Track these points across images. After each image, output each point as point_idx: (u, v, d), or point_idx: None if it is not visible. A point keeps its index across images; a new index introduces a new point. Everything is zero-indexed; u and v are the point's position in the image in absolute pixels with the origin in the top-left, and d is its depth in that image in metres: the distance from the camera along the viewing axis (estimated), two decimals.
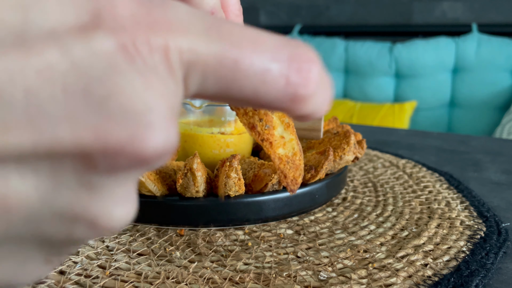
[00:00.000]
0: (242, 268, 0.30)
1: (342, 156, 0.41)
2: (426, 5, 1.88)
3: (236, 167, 0.34)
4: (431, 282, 0.28)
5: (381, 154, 0.61)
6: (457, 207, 0.41)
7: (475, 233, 0.35)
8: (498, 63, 1.65)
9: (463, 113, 1.74)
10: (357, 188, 0.47)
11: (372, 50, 1.84)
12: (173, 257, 0.31)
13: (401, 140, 0.73)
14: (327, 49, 1.93)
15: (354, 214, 0.40)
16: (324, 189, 0.39)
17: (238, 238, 0.34)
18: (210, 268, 0.30)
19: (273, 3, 2.20)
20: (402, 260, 0.31)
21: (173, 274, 0.28)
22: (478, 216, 0.39)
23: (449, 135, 0.78)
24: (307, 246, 0.33)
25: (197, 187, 0.34)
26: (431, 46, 1.74)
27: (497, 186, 0.48)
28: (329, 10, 2.08)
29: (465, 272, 0.29)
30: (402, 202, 0.43)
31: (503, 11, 1.75)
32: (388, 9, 1.96)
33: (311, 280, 0.28)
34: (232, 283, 0.28)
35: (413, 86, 1.79)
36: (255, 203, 0.35)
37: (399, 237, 0.35)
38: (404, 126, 1.72)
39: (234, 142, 0.42)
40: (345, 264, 0.30)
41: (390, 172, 0.53)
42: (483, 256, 0.31)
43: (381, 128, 0.85)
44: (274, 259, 0.31)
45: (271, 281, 0.28)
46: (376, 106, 1.78)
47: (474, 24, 1.74)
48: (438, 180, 0.49)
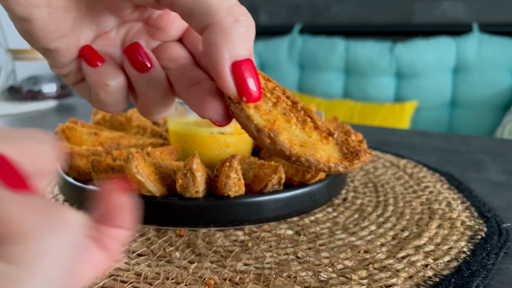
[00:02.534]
0: (242, 269, 0.29)
1: None
2: (427, 5, 1.88)
3: (236, 167, 0.34)
4: (432, 283, 0.28)
5: (382, 154, 0.61)
6: (458, 208, 0.41)
7: (476, 234, 0.35)
8: (499, 63, 1.65)
9: (464, 113, 1.73)
10: (357, 188, 0.47)
11: (373, 49, 1.83)
12: (173, 257, 0.31)
13: (402, 140, 0.73)
14: (328, 48, 1.92)
15: (354, 215, 0.39)
16: (324, 189, 0.39)
17: (238, 239, 0.34)
18: (210, 268, 0.29)
19: (273, 3, 2.20)
20: (402, 260, 0.31)
21: (173, 274, 0.28)
22: (479, 216, 0.39)
23: (450, 135, 0.78)
24: (307, 247, 0.33)
25: (196, 188, 0.34)
26: (432, 46, 1.74)
27: (498, 186, 0.48)
28: (329, 9, 2.08)
29: (466, 272, 0.29)
30: (402, 202, 0.42)
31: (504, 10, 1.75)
32: (388, 9, 1.96)
33: (311, 281, 0.28)
34: (232, 283, 0.27)
35: (413, 86, 1.79)
36: (255, 203, 0.35)
37: (400, 238, 0.35)
38: (405, 126, 1.71)
39: (234, 142, 0.42)
40: (345, 265, 0.30)
41: (391, 172, 0.52)
42: (484, 256, 0.31)
43: (382, 128, 0.85)
44: (274, 260, 0.31)
45: (271, 281, 0.28)
46: (376, 106, 1.78)
47: (475, 23, 1.74)
48: (438, 180, 0.49)
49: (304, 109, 0.22)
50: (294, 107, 0.22)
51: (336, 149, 0.21)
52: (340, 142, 0.21)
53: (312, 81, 1.99)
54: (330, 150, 0.21)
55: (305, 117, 0.21)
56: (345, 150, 0.21)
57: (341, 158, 0.21)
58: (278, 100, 0.22)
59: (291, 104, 0.22)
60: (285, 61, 2.05)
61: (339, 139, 0.21)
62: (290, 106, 0.22)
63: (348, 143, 0.21)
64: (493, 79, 1.66)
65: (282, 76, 2.05)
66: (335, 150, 0.21)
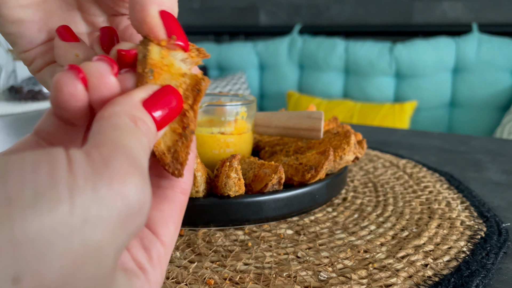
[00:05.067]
0: (242, 268, 0.30)
1: (342, 156, 0.41)
2: (427, 5, 1.88)
3: (236, 167, 0.34)
4: (432, 283, 0.28)
5: (382, 154, 0.61)
6: (457, 207, 0.41)
7: (475, 233, 0.35)
8: (498, 63, 1.65)
9: (463, 113, 1.74)
10: (357, 188, 0.47)
11: (372, 50, 1.84)
12: (173, 257, 0.31)
13: (402, 140, 0.73)
14: (327, 49, 1.92)
15: (354, 214, 0.40)
16: (324, 189, 0.39)
17: (238, 238, 0.34)
18: (210, 268, 0.29)
19: (273, 3, 2.20)
20: (402, 260, 0.31)
21: (173, 274, 0.28)
22: (478, 216, 0.39)
23: (449, 135, 0.78)
24: (307, 246, 0.33)
25: (197, 187, 0.34)
26: (431, 46, 1.74)
27: (498, 186, 0.48)
28: (329, 10, 2.08)
29: (466, 272, 0.29)
30: (402, 202, 0.43)
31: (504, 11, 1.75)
32: (388, 9, 1.96)
33: (311, 281, 0.28)
34: (232, 283, 0.28)
35: (413, 86, 1.79)
36: (255, 203, 0.35)
37: (400, 237, 0.35)
38: (405, 126, 1.72)
39: (234, 142, 0.42)
40: (345, 264, 0.30)
41: (391, 172, 0.53)
42: (483, 256, 0.31)
43: (381, 128, 0.85)
44: (274, 259, 0.31)
45: (271, 281, 0.28)
46: (376, 106, 1.78)
47: (475, 24, 1.74)
48: (438, 180, 0.49)
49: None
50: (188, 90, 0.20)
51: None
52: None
53: (312, 81, 1.99)
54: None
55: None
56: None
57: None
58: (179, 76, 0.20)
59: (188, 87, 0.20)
60: (285, 61, 2.05)
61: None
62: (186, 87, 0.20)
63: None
64: (492, 79, 1.67)
65: (282, 76, 2.05)
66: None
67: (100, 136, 0.15)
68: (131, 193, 0.14)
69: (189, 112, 0.20)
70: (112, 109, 0.17)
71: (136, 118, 0.17)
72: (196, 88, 0.20)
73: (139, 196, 0.14)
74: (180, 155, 0.19)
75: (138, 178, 0.15)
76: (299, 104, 1.91)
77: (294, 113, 0.45)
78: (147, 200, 0.15)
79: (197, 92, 0.20)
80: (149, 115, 0.18)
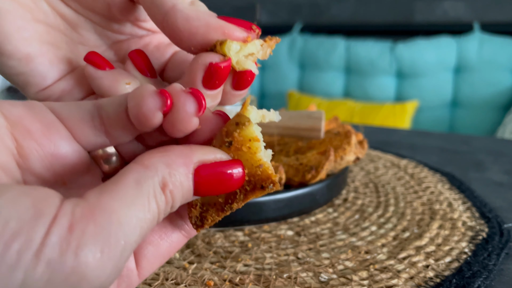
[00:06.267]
0: (242, 270, 0.29)
1: (343, 157, 0.40)
2: (428, 4, 1.88)
3: None
4: (433, 284, 0.28)
5: (383, 154, 0.61)
6: (459, 208, 0.41)
7: (477, 234, 0.35)
8: (500, 62, 1.64)
9: (465, 112, 1.73)
10: (358, 188, 0.47)
11: (373, 49, 1.83)
12: (172, 258, 0.31)
13: (403, 140, 0.72)
14: (328, 48, 1.92)
15: (355, 215, 0.39)
16: (325, 189, 0.39)
17: (238, 239, 0.34)
18: (210, 269, 0.29)
19: (273, 2, 2.20)
20: (403, 261, 0.31)
21: (172, 275, 0.28)
22: (480, 217, 0.38)
23: (451, 135, 0.78)
24: (307, 247, 0.33)
25: None
26: (433, 45, 1.73)
27: (500, 187, 0.48)
28: (329, 9, 2.08)
29: (467, 273, 0.29)
30: (403, 202, 0.42)
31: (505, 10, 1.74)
32: (389, 8, 1.95)
33: (312, 282, 0.28)
34: (232, 284, 0.27)
35: (414, 86, 1.78)
36: (255, 204, 0.35)
37: (401, 238, 0.34)
38: (406, 126, 1.71)
39: None
40: (346, 266, 0.30)
41: (392, 172, 0.52)
42: (485, 257, 0.31)
43: (382, 128, 0.84)
44: (274, 261, 0.31)
45: (271, 282, 0.28)
46: (377, 105, 1.78)
47: (476, 23, 1.74)
48: (440, 180, 0.49)
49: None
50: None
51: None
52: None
53: (312, 80, 1.99)
54: None
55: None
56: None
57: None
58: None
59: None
60: (285, 61, 2.04)
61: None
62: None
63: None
64: (494, 78, 1.66)
65: (282, 75, 2.05)
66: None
67: (112, 186, 0.14)
68: (87, 271, 0.13)
69: (239, 196, 0.18)
70: (156, 161, 0.15)
71: (169, 184, 0.15)
72: (262, 184, 0.18)
73: (98, 274, 0.13)
74: (208, 217, 0.18)
75: (102, 256, 0.13)
76: (300, 104, 1.91)
77: (294, 113, 0.44)
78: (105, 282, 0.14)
79: (260, 188, 0.18)
80: (192, 182, 0.16)
